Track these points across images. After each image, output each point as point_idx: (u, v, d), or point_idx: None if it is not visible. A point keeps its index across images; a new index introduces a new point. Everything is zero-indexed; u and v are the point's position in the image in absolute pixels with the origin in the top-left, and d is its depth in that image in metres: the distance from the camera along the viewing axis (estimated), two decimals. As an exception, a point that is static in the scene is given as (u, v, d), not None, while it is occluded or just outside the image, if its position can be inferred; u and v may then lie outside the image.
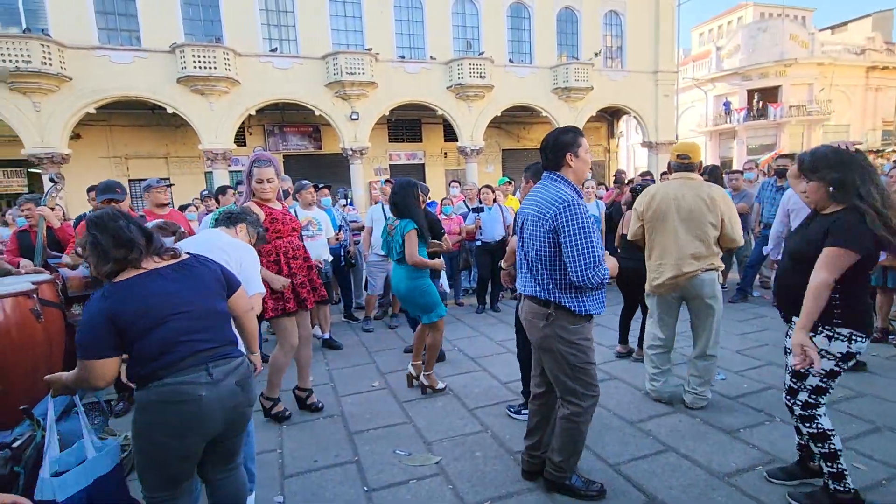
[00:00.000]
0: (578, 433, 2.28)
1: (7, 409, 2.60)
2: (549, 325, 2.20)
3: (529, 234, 2.23)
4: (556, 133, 2.25)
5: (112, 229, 1.65)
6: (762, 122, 25.15)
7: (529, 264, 2.27)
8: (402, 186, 3.55)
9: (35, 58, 11.93)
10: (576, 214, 2.06)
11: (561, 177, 2.21)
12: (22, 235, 4.36)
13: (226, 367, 1.74)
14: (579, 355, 2.21)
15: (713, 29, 35.83)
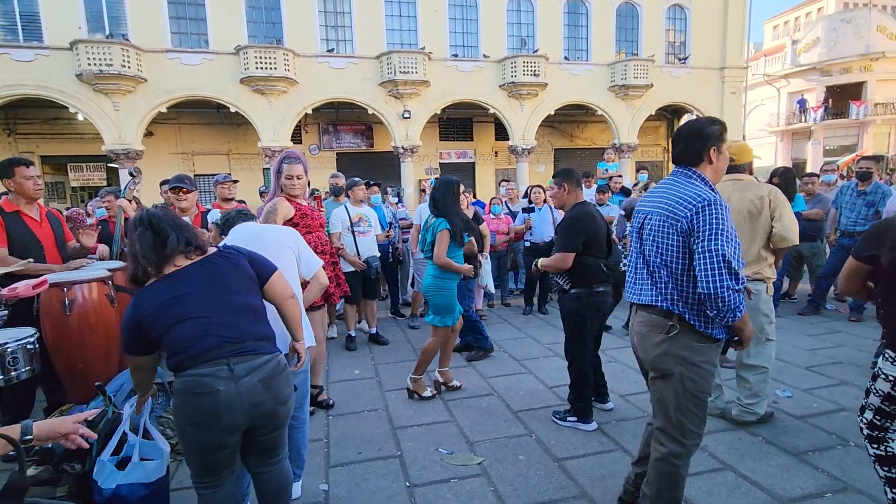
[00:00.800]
0: (679, 478, 1.95)
1: (85, 385, 2.83)
2: (670, 340, 1.87)
3: (653, 235, 1.91)
4: (700, 122, 1.95)
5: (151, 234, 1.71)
6: (842, 121, 23.23)
7: (650, 269, 1.94)
8: (442, 184, 3.47)
9: (116, 61, 12.92)
10: (717, 217, 1.75)
11: (697, 173, 1.89)
12: (102, 225, 4.72)
13: (249, 363, 1.70)
14: (700, 382, 1.88)
15: (789, 21, 33.48)
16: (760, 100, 26.38)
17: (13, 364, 2.12)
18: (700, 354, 1.87)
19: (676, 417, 1.90)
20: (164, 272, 1.71)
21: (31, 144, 15.41)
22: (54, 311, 2.82)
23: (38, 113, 14.87)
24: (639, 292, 2.01)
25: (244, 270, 1.83)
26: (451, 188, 3.43)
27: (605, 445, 2.84)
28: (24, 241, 3.05)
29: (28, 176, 3.06)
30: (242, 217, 2.47)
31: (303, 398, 2.44)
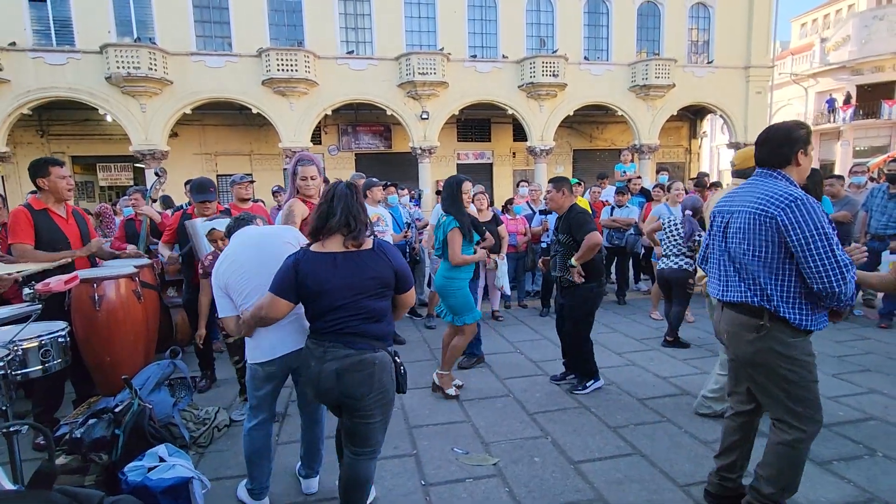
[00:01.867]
0: (800, 462, 2.01)
1: (112, 378, 2.92)
2: (762, 337, 1.93)
3: (742, 232, 1.94)
4: (787, 126, 1.98)
5: (337, 204, 1.95)
6: (874, 121, 22.48)
7: (737, 266, 1.99)
8: (446, 184, 3.49)
9: (143, 64, 13.29)
10: (814, 213, 1.78)
11: (782, 174, 1.94)
12: (129, 224, 4.87)
13: (337, 352, 1.90)
14: (801, 372, 1.93)
15: (817, 19, 32.55)
16: (787, 99, 25.71)
17: (46, 356, 2.21)
18: (794, 349, 1.92)
19: (789, 407, 1.96)
20: (327, 241, 1.95)
21: (62, 145, 15.95)
22: (85, 306, 2.93)
23: (69, 115, 15.39)
24: (727, 290, 2.05)
25: (382, 277, 1.98)
26: (453, 187, 3.44)
27: (622, 449, 2.82)
28: (52, 238, 3.13)
29: (62, 175, 3.16)
30: (241, 223, 2.49)
31: None
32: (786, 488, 2.03)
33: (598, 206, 7.00)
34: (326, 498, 2.44)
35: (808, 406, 1.96)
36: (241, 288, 2.21)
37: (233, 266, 2.23)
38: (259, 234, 2.38)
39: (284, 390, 2.46)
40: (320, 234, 1.96)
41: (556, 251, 3.70)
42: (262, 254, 2.24)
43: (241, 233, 2.39)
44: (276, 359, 2.20)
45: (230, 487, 2.51)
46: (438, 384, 3.58)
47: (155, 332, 3.49)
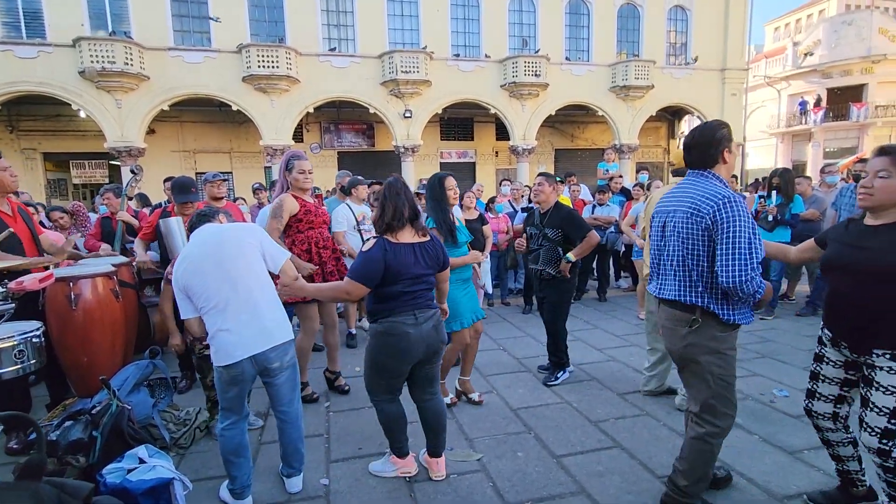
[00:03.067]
0: (711, 457, 2.10)
1: (89, 379, 2.86)
2: (694, 332, 2.03)
3: (676, 232, 2.04)
4: (711, 126, 2.07)
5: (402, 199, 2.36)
6: (843, 123, 23.25)
7: (674, 265, 2.07)
8: (430, 181, 3.26)
9: (119, 59, 12.96)
10: (737, 212, 1.87)
11: (713, 174, 2.04)
12: (104, 222, 4.75)
13: (426, 314, 2.40)
14: (726, 367, 2.04)
15: (790, 23, 33.50)
16: (761, 101, 26.40)
17: (20, 357, 2.15)
18: (723, 342, 2.03)
19: (709, 401, 2.06)
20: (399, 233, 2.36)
21: (33, 141, 15.45)
22: (60, 305, 2.86)
23: (40, 110, 14.91)
24: (663, 288, 2.15)
25: (440, 260, 2.48)
26: (433, 185, 3.20)
27: (603, 443, 2.87)
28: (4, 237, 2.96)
29: (3, 167, 2.96)
30: (203, 219, 2.43)
31: (292, 391, 2.43)
32: (699, 480, 2.12)
33: (578, 204, 7.09)
34: (311, 496, 2.43)
35: (725, 403, 2.07)
36: (199, 290, 2.18)
37: (190, 267, 2.20)
38: (218, 232, 2.30)
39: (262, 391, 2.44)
40: (395, 228, 2.34)
41: (542, 245, 3.73)
42: (219, 253, 2.21)
43: (199, 231, 2.33)
44: (237, 362, 2.20)
45: (212, 488, 2.48)
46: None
47: (134, 332, 3.42)
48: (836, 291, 2.02)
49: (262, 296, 2.28)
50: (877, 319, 1.86)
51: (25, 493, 1.21)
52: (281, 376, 2.33)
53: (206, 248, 2.23)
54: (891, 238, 1.85)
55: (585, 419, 3.19)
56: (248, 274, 2.25)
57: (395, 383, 2.49)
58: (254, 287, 2.25)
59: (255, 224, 2.55)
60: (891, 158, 1.84)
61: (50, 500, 1.25)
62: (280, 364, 2.30)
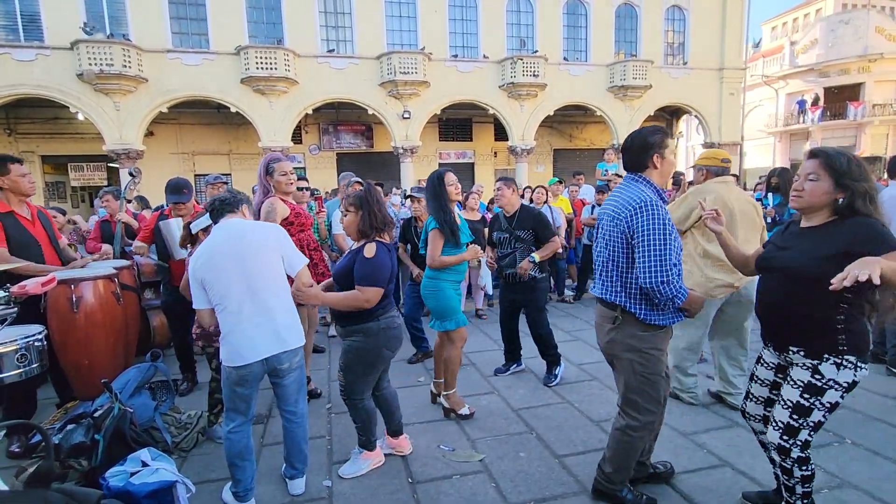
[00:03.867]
0: (632, 448, 2.18)
1: (91, 382, 2.86)
2: (616, 329, 2.12)
3: (602, 235, 2.17)
4: (643, 133, 2.15)
5: (382, 202, 2.54)
6: (840, 122, 23.30)
7: (600, 265, 2.20)
8: (430, 178, 3.18)
9: (117, 61, 12.95)
10: (652, 216, 1.95)
11: (642, 178, 2.10)
12: (104, 225, 4.75)
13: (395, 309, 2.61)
14: (646, 365, 2.10)
15: (787, 22, 33.54)
16: (759, 101, 26.45)
17: (23, 361, 2.15)
18: (645, 342, 2.09)
19: (630, 396, 2.16)
20: (384, 235, 2.53)
21: (31, 144, 15.43)
22: (62, 308, 2.85)
23: (38, 112, 14.91)
24: (594, 285, 2.31)
25: (395, 255, 2.62)
26: (434, 182, 3.11)
27: (605, 443, 2.87)
28: (22, 240, 3.00)
29: (23, 173, 3.01)
30: (226, 207, 2.35)
31: (298, 392, 2.43)
32: (620, 468, 2.23)
33: (578, 204, 7.10)
34: (314, 498, 2.43)
35: (646, 398, 2.13)
36: (215, 286, 2.18)
37: (210, 262, 2.19)
38: (241, 231, 2.28)
39: (268, 392, 2.45)
40: (382, 231, 2.47)
41: (515, 248, 3.70)
42: (240, 253, 2.20)
43: (224, 226, 2.30)
44: (248, 364, 2.20)
45: (215, 491, 2.48)
46: (448, 406, 3.25)
47: (135, 335, 3.42)
48: (761, 291, 2.03)
49: (278, 300, 2.28)
50: (792, 318, 1.88)
51: (35, 500, 1.22)
52: (289, 377, 2.34)
53: (228, 246, 2.21)
54: (813, 240, 1.84)
55: (587, 419, 3.19)
56: (267, 277, 2.24)
57: (376, 378, 2.63)
58: (270, 291, 2.25)
59: (277, 224, 2.50)
60: (819, 161, 1.83)
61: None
62: (290, 365, 2.32)
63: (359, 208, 2.47)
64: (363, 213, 2.45)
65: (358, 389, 2.54)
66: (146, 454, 2.28)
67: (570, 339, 4.95)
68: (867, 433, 2.91)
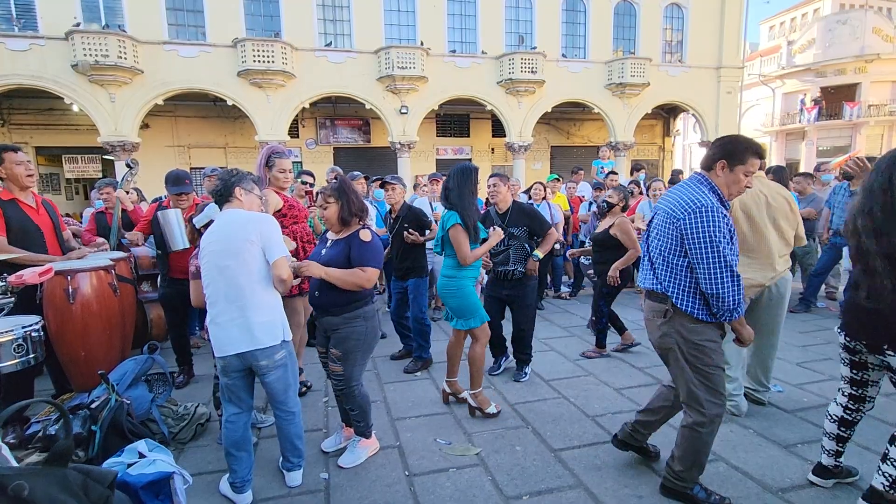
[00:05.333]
0: (702, 444, 2.15)
1: (88, 373, 2.85)
2: (668, 322, 2.11)
3: (656, 228, 2.16)
4: (728, 137, 2.15)
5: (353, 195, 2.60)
6: (836, 122, 23.41)
7: (651, 258, 2.20)
8: (458, 172, 3.09)
9: (112, 52, 12.83)
10: (708, 222, 1.94)
11: (707, 180, 2.10)
12: (100, 216, 4.73)
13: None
14: (702, 358, 2.08)
15: (785, 22, 33.62)
16: (756, 100, 26.53)
17: (20, 351, 2.15)
18: (698, 333, 2.07)
19: (691, 390, 2.12)
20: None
21: (24, 135, 15.28)
22: (58, 299, 2.84)
23: (32, 103, 14.76)
24: (645, 279, 2.27)
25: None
26: (468, 176, 3.06)
27: (601, 437, 2.90)
28: (24, 228, 3.00)
29: (18, 161, 2.99)
30: (221, 199, 2.35)
31: (284, 391, 2.38)
32: (693, 466, 2.19)
33: (575, 201, 7.12)
34: (311, 490, 2.44)
35: (708, 391, 2.11)
36: (204, 277, 2.27)
37: (201, 253, 2.29)
38: (229, 224, 2.27)
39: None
40: (362, 217, 2.59)
41: (509, 245, 3.63)
42: (222, 248, 2.23)
43: (221, 217, 2.33)
44: (226, 356, 2.25)
45: (212, 482, 2.49)
46: (475, 405, 3.17)
47: (132, 327, 3.41)
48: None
49: (253, 296, 2.22)
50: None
51: (53, 477, 1.25)
52: (270, 375, 2.30)
53: (213, 241, 2.25)
54: None
55: (583, 414, 3.22)
56: (244, 273, 2.21)
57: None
58: (244, 286, 2.21)
59: (265, 215, 2.42)
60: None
61: (76, 484, 1.28)
62: (268, 363, 2.27)
63: (337, 199, 2.55)
64: (342, 202, 2.54)
65: (356, 374, 2.61)
66: (143, 445, 2.28)
67: (566, 335, 4.98)
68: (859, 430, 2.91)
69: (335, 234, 2.64)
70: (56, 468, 1.30)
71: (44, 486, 1.23)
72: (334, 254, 2.54)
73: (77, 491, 1.27)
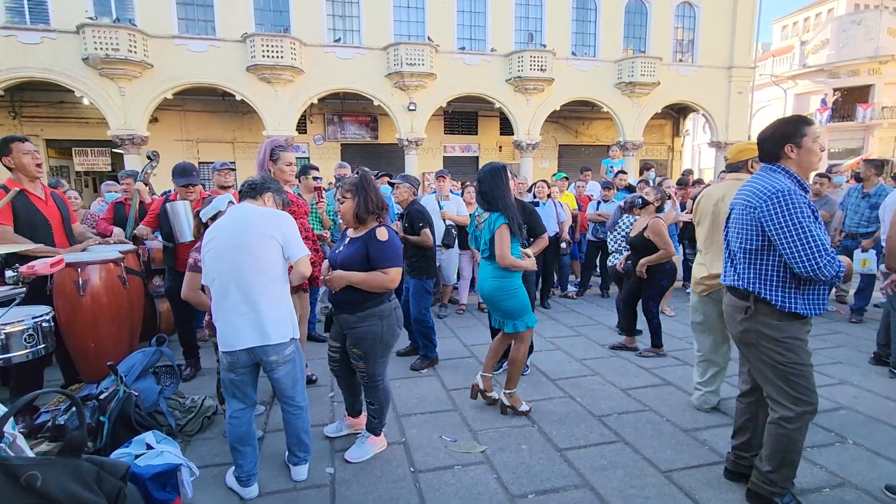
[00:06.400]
0: (790, 441, 2.06)
1: (97, 364, 2.87)
2: (749, 318, 2.09)
3: (734, 223, 2.15)
4: (776, 123, 2.13)
5: (373, 192, 2.55)
6: (848, 123, 23.11)
7: (731, 254, 2.18)
8: (490, 172, 3.02)
9: (122, 46, 12.89)
10: (788, 205, 1.92)
11: (780, 167, 2.07)
12: (118, 207, 4.79)
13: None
14: (788, 354, 2.03)
15: (798, 22, 33.20)
16: (767, 100, 26.24)
17: (30, 341, 2.16)
18: (780, 331, 2.04)
19: (777, 385, 2.08)
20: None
21: (35, 128, 15.41)
22: (68, 290, 2.86)
23: (43, 96, 14.87)
24: (725, 275, 2.25)
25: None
26: (500, 175, 3.01)
27: (607, 437, 2.89)
28: (32, 219, 3.00)
29: (25, 151, 2.99)
30: (249, 193, 2.39)
31: (293, 386, 2.39)
32: (782, 466, 2.10)
33: (584, 200, 7.08)
34: (316, 485, 2.45)
35: (797, 388, 2.05)
36: (208, 270, 2.23)
37: (210, 244, 2.25)
38: (244, 220, 2.27)
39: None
40: (380, 215, 2.55)
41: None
42: (239, 242, 2.21)
43: (233, 212, 2.33)
44: (233, 351, 2.23)
45: (219, 475, 2.50)
46: (509, 404, 3.18)
47: (140, 320, 3.43)
48: None
49: (267, 292, 2.23)
50: None
51: (66, 468, 1.25)
52: (279, 370, 2.31)
53: (228, 233, 2.23)
54: None
55: (589, 413, 3.20)
56: (258, 269, 2.22)
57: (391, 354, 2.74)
58: (260, 283, 2.22)
59: (286, 213, 2.43)
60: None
61: (90, 475, 1.28)
62: (278, 358, 2.28)
63: (355, 194, 2.52)
64: (359, 198, 2.50)
65: (379, 371, 2.62)
66: (151, 437, 2.30)
67: (573, 334, 4.96)
68: (869, 434, 2.91)
69: (352, 230, 2.62)
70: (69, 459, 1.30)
71: (57, 476, 1.23)
72: (351, 252, 2.52)
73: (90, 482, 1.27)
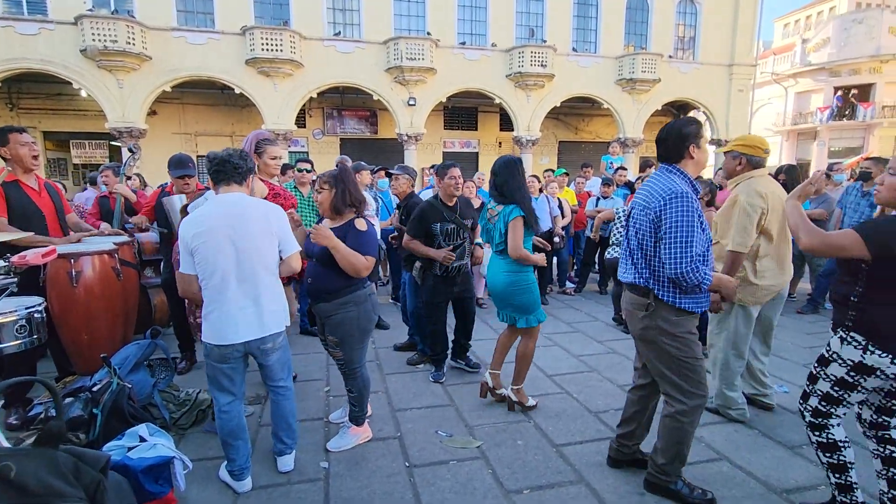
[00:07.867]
0: (683, 434, 2.17)
1: (90, 356, 2.85)
2: (649, 316, 2.14)
3: (634, 223, 2.21)
4: (678, 124, 2.19)
5: (351, 185, 2.57)
6: (849, 122, 23.06)
7: (631, 252, 2.24)
8: (505, 165, 3.01)
9: (121, 38, 12.81)
10: (681, 207, 2.00)
11: (677, 168, 2.15)
12: (103, 200, 4.72)
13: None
14: (683, 349, 2.13)
15: (800, 20, 33.11)
16: (767, 98, 26.16)
17: (21, 332, 2.14)
18: (679, 326, 2.12)
19: (673, 380, 2.17)
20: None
21: (33, 119, 15.34)
22: (61, 281, 2.84)
23: (40, 88, 14.79)
24: (625, 273, 2.30)
25: None
26: (516, 168, 3.01)
27: (603, 433, 2.88)
28: (25, 211, 2.98)
29: (23, 142, 2.96)
30: (235, 177, 2.26)
31: (283, 370, 2.42)
32: (675, 458, 2.21)
33: (584, 196, 7.06)
34: (311, 479, 2.43)
35: (691, 382, 2.14)
36: (204, 262, 2.13)
37: (206, 235, 2.12)
38: (241, 207, 2.22)
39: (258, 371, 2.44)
40: (358, 208, 2.57)
41: (464, 238, 3.59)
42: (236, 232, 2.15)
43: (226, 200, 2.22)
44: (231, 344, 2.19)
45: (212, 468, 2.49)
46: (516, 400, 3.16)
47: (134, 312, 3.41)
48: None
49: (267, 285, 2.25)
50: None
51: (42, 459, 1.22)
52: (272, 357, 2.33)
53: (227, 225, 2.14)
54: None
55: (585, 409, 3.19)
56: (259, 262, 2.21)
57: (369, 340, 2.77)
58: (260, 275, 2.22)
59: (280, 208, 2.42)
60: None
61: (67, 467, 1.25)
62: (272, 346, 2.31)
63: (332, 186, 2.53)
64: (337, 190, 2.52)
65: (357, 357, 2.63)
66: (144, 429, 2.27)
67: (570, 330, 4.95)
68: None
69: (330, 221, 2.61)
70: (46, 450, 1.28)
71: (33, 468, 1.21)
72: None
73: (67, 474, 1.24)
